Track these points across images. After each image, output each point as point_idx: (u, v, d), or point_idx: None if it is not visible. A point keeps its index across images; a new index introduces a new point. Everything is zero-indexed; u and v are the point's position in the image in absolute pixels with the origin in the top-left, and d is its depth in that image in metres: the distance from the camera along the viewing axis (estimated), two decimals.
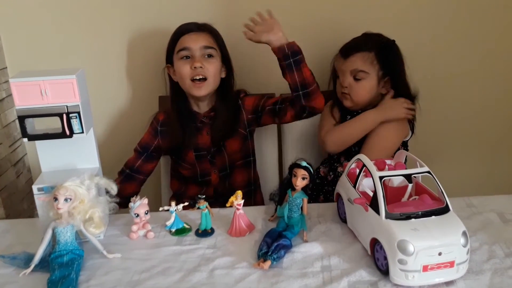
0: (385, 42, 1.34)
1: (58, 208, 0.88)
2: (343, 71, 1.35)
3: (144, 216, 1.01)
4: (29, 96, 0.93)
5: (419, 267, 0.78)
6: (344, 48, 1.37)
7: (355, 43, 1.35)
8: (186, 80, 1.31)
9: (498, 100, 1.68)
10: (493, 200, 1.09)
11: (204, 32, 1.33)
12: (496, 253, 0.89)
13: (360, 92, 1.34)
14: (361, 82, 1.33)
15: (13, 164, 1.60)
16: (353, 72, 1.33)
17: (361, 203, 0.89)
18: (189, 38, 1.31)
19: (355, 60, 1.32)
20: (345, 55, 1.35)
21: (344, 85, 1.35)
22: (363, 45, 1.33)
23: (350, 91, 1.35)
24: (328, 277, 0.85)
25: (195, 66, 1.28)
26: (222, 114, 1.36)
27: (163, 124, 1.40)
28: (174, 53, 1.33)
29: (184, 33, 1.32)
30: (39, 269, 0.89)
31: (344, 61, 1.35)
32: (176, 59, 1.33)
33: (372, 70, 1.32)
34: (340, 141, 1.34)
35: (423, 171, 0.89)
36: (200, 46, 1.30)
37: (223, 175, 1.41)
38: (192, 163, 1.40)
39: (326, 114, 1.44)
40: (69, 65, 1.56)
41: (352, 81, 1.34)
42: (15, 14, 1.54)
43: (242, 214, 1.01)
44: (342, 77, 1.36)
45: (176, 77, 1.36)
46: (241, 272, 0.87)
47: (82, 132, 0.97)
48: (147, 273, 0.88)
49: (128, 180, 1.40)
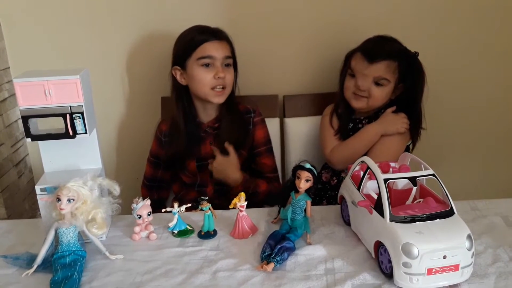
0: (405, 50, 1.33)
1: (61, 208, 0.88)
2: (365, 75, 1.32)
3: (147, 217, 1.01)
4: (32, 96, 0.93)
5: (424, 270, 0.77)
6: (370, 51, 1.32)
7: (381, 48, 1.32)
8: (205, 88, 1.31)
9: (502, 103, 1.67)
10: (498, 204, 1.09)
11: (224, 41, 1.33)
12: (500, 257, 0.89)
13: (378, 97, 1.33)
14: (381, 88, 1.32)
15: (15, 164, 1.60)
16: (376, 79, 1.31)
17: (365, 205, 0.88)
18: (212, 47, 1.29)
19: (380, 68, 1.30)
20: (371, 59, 1.31)
21: (363, 88, 1.33)
22: (390, 53, 1.31)
23: (368, 95, 1.33)
24: (331, 280, 0.84)
25: (219, 76, 1.29)
26: (227, 126, 1.37)
27: (166, 135, 1.40)
28: (189, 58, 1.30)
29: (207, 40, 1.29)
30: (42, 270, 0.89)
31: (368, 65, 1.31)
32: (194, 64, 1.30)
33: (392, 78, 1.32)
34: (346, 158, 1.34)
35: (428, 174, 0.89)
36: (223, 56, 1.31)
37: (219, 189, 1.40)
38: (194, 172, 1.40)
39: (326, 126, 1.44)
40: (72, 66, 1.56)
41: (373, 86, 1.32)
42: (18, 14, 1.54)
43: (245, 216, 1.00)
44: (362, 80, 1.33)
45: (185, 81, 1.34)
46: (244, 275, 0.86)
47: (85, 132, 0.97)
48: (149, 274, 0.88)
49: (152, 189, 1.46)
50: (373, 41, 1.35)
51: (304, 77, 1.62)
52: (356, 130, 1.39)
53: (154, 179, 1.46)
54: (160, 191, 1.49)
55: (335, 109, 1.44)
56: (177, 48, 1.35)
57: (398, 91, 1.35)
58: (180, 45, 1.33)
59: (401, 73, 1.31)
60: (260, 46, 1.58)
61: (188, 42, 1.31)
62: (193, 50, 1.29)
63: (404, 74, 1.32)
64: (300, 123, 1.56)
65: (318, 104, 1.55)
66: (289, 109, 1.58)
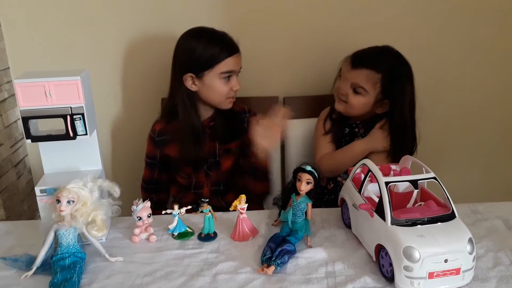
0: (397, 68, 1.29)
1: (61, 210, 0.87)
2: (346, 79, 1.33)
3: (147, 219, 1.00)
4: (33, 97, 0.92)
5: (425, 274, 0.77)
6: (357, 56, 1.32)
7: (368, 56, 1.30)
8: (221, 97, 1.35)
9: (503, 106, 1.67)
10: (499, 207, 1.09)
11: (239, 52, 1.35)
12: (501, 260, 0.89)
13: (355, 105, 1.32)
14: (358, 96, 1.31)
15: (14, 165, 1.59)
16: (354, 85, 1.31)
17: (366, 208, 0.88)
18: (234, 62, 1.32)
19: (359, 74, 1.29)
20: (354, 64, 1.31)
21: (342, 92, 1.34)
22: (375, 63, 1.28)
23: (346, 99, 1.33)
24: (332, 283, 0.84)
25: (236, 89, 1.34)
26: (221, 124, 1.39)
27: (160, 134, 1.40)
28: (211, 70, 1.30)
29: (230, 55, 1.31)
30: (41, 272, 0.88)
31: (350, 69, 1.31)
32: (215, 77, 1.31)
33: (372, 90, 1.29)
34: (333, 170, 1.38)
35: (429, 177, 0.89)
36: (239, 68, 1.36)
37: (215, 190, 1.41)
38: (189, 173, 1.41)
39: (319, 131, 1.44)
40: (72, 67, 1.56)
41: (350, 92, 1.32)
42: (18, 15, 1.54)
43: (246, 219, 1.00)
44: (343, 84, 1.34)
45: (196, 87, 1.33)
46: (245, 277, 0.86)
47: (86, 134, 0.96)
48: (149, 277, 0.88)
49: (151, 192, 1.46)
50: (368, 48, 1.33)
51: (304, 79, 1.63)
52: (353, 134, 1.39)
53: (151, 181, 1.47)
54: (159, 194, 1.49)
55: (329, 113, 1.44)
56: (193, 58, 1.31)
57: (384, 107, 1.32)
58: (197, 56, 1.30)
59: (384, 87, 1.28)
60: (260, 48, 1.58)
61: (211, 56, 1.30)
62: (216, 64, 1.30)
63: (388, 90, 1.28)
64: (300, 125, 1.56)
65: (318, 106, 1.54)
66: None
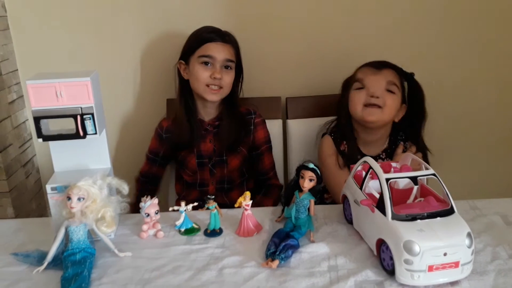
0: (406, 73, 1.34)
1: (71, 207, 0.89)
2: (377, 81, 1.29)
3: (154, 215, 1.03)
4: (44, 97, 0.95)
5: (425, 267, 0.79)
6: (375, 63, 1.33)
7: (385, 61, 1.34)
8: (201, 84, 1.35)
9: (502, 103, 1.69)
10: (497, 203, 1.11)
11: (229, 44, 1.37)
12: (500, 255, 0.90)
13: (391, 105, 1.29)
14: (393, 96, 1.29)
15: (23, 165, 1.62)
16: (388, 84, 1.29)
17: (367, 204, 0.90)
18: (215, 48, 1.34)
19: (387, 72, 1.30)
20: (377, 67, 1.31)
21: (376, 94, 1.28)
22: (392, 66, 1.32)
23: (382, 102, 1.28)
24: (335, 277, 0.86)
25: (215, 77, 1.33)
26: (227, 125, 1.41)
27: (167, 131, 1.44)
28: (193, 54, 1.36)
29: (211, 41, 1.34)
30: (52, 267, 0.91)
31: (375, 71, 1.30)
32: (195, 61, 1.35)
33: (400, 88, 1.32)
34: None
35: (428, 174, 0.91)
36: (223, 58, 1.35)
37: (220, 188, 1.44)
38: (194, 170, 1.43)
39: (332, 166, 1.35)
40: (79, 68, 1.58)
41: (385, 93, 1.29)
42: (26, 17, 1.57)
43: (250, 215, 1.02)
44: (374, 87, 1.28)
45: (187, 75, 1.39)
46: (250, 271, 0.88)
47: (96, 133, 0.99)
48: (157, 271, 0.90)
49: (147, 186, 1.50)
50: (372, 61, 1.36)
51: (307, 80, 1.65)
52: None
53: (148, 175, 1.51)
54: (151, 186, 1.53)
55: (336, 146, 1.38)
56: (184, 46, 1.40)
57: (401, 113, 1.34)
58: (188, 41, 1.39)
59: (403, 89, 1.32)
60: (264, 48, 1.60)
61: (194, 40, 1.37)
62: (197, 47, 1.35)
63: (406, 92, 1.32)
64: (303, 125, 1.59)
65: (320, 106, 1.57)
66: (292, 111, 1.60)
